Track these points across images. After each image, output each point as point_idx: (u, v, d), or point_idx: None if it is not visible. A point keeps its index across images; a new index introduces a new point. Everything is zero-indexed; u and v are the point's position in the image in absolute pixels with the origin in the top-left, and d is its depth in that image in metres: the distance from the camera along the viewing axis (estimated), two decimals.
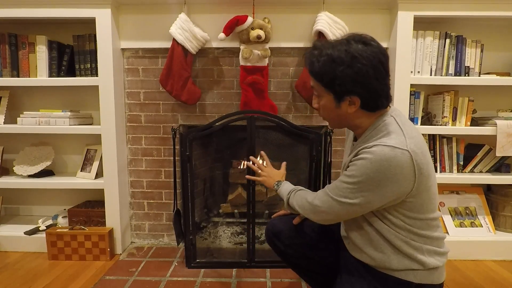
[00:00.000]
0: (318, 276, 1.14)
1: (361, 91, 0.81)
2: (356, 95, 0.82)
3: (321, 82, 0.85)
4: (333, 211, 0.88)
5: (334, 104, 0.86)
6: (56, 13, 1.66)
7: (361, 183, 0.79)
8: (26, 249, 1.79)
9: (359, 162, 0.80)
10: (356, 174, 0.80)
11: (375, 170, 0.77)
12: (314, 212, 0.94)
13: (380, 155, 0.77)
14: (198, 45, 1.68)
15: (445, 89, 1.75)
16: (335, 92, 0.84)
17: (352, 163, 0.83)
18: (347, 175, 0.83)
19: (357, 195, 0.81)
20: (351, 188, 0.82)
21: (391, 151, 0.76)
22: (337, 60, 0.80)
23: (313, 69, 0.85)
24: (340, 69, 0.80)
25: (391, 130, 0.82)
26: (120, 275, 1.55)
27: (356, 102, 0.83)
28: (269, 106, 1.74)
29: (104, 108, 1.71)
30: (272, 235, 1.15)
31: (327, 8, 1.67)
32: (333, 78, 0.81)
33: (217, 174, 2.18)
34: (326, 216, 0.91)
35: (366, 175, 0.78)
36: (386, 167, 0.76)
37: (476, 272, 1.60)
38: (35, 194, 2.02)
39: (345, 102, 0.84)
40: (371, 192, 0.79)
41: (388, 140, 0.79)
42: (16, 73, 1.76)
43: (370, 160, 0.77)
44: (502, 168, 1.79)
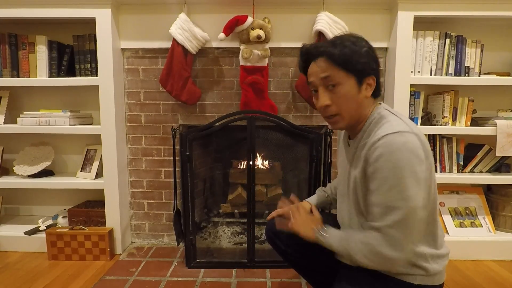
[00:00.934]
0: (319, 275, 1.14)
1: (377, 69, 0.88)
2: (374, 74, 0.87)
3: (344, 66, 0.84)
4: (408, 227, 0.76)
5: (356, 88, 0.86)
6: (56, 13, 1.66)
7: (396, 177, 0.76)
8: (26, 249, 1.79)
9: (379, 164, 0.78)
10: (387, 175, 0.76)
11: (398, 159, 0.75)
12: (394, 249, 0.78)
13: (392, 144, 0.76)
14: (198, 45, 1.69)
15: (445, 89, 1.75)
16: (358, 74, 0.85)
17: (371, 169, 0.80)
18: (380, 186, 0.78)
19: (406, 193, 0.75)
20: (396, 190, 0.76)
21: (401, 137, 0.77)
22: (358, 43, 0.85)
23: (338, 53, 0.84)
24: (364, 50, 0.85)
25: (390, 119, 0.84)
26: (120, 275, 1.55)
27: (373, 83, 0.87)
28: (269, 106, 1.74)
29: (104, 108, 1.71)
30: (272, 235, 1.15)
31: (327, 8, 1.67)
32: (360, 58, 0.84)
33: (217, 174, 2.18)
34: (405, 240, 0.77)
35: (393, 169, 0.75)
36: (404, 153, 0.75)
37: (476, 272, 1.60)
38: (35, 194, 2.02)
39: (363, 85, 0.86)
40: (410, 180, 0.75)
41: (391, 127, 0.80)
42: (16, 73, 1.76)
43: (386, 155, 0.76)
44: (502, 168, 1.79)
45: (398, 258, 0.78)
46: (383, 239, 0.78)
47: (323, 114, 0.91)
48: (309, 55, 0.90)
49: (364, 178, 0.85)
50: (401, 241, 0.76)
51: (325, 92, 0.87)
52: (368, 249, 0.80)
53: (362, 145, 0.88)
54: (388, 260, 0.78)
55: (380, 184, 0.78)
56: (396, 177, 0.75)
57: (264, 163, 2.07)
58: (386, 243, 0.77)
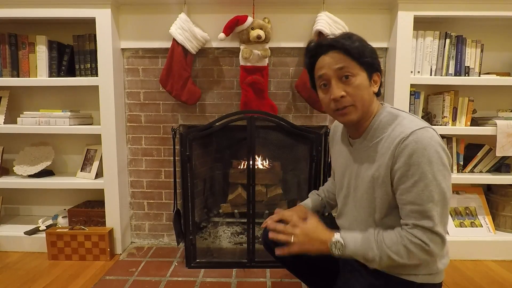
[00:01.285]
0: (318, 279, 1.14)
1: (380, 69, 0.91)
2: (379, 70, 0.90)
3: (358, 59, 0.85)
4: (444, 219, 0.80)
5: (368, 81, 0.87)
6: (56, 13, 1.66)
7: (432, 172, 0.76)
8: (26, 249, 1.79)
9: (413, 161, 0.77)
10: (424, 171, 0.76)
11: (432, 154, 0.76)
12: (435, 243, 0.79)
13: (422, 140, 0.77)
14: (198, 45, 1.69)
15: (445, 89, 1.75)
16: (369, 68, 0.87)
17: (404, 167, 0.79)
18: (417, 183, 0.77)
19: (442, 186, 0.77)
20: (434, 185, 0.77)
21: (427, 132, 0.79)
22: (364, 41, 0.88)
23: (351, 46, 0.84)
24: (369, 47, 0.88)
25: (405, 116, 0.86)
26: (120, 275, 1.55)
27: (378, 80, 0.90)
28: (269, 106, 1.74)
29: (104, 108, 1.71)
30: (268, 240, 1.14)
31: (327, 8, 1.67)
32: (370, 53, 0.87)
33: (217, 174, 2.18)
34: (443, 234, 0.80)
35: (429, 164, 0.76)
36: (435, 147, 0.77)
37: (476, 272, 1.60)
38: (35, 194, 2.02)
39: (372, 80, 0.88)
40: (444, 172, 0.78)
41: (413, 123, 0.81)
42: (16, 73, 1.76)
43: (420, 150, 0.77)
44: (502, 168, 1.79)
45: (436, 253, 0.79)
46: (428, 237, 0.77)
47: (335, 106, 0.87)
48: (319, 48, 0.89)
49: (388, 177, 0.83)
50: (443, 238, 0.79)
51: (338, 83, 0.85)
52: (409, 247, 0.78)
53: (376, 143, 0.87)
54: (431, 255, 0.80)
55: (417, 181, 0.77)
56: (432, 172, 0.76)
57: (264, 163, 2.07)
58: (432, 240, 0.78)
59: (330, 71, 0.86)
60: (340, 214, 1.05)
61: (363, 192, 0.91)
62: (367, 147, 0.90)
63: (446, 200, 0.78)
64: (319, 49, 0.88)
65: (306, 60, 0.94)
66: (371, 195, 0.88)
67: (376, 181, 0.86)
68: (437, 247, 0.78)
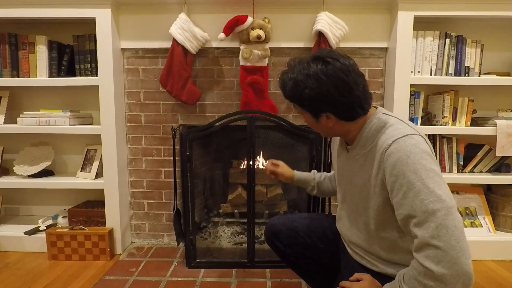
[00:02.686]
0: (318, 276, 1.14)
1: (330, 108, 0.84)
2: (328, 112, 0.84)
3: (294, 104, 0.89)
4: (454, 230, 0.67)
5: (314, 120, 0.89)
6: (56, 13, 1.66)
7: (421, 179, 0.71)
8: (26, 249, 1.79)
9: (397, 171, 0.73)
10: (410, 179, 0.71)
11: (416, 161, 0.72)
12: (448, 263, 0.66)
13: (405, 148, 0.74)
14: (198, 45, 1.68)
15: (445, 89, 1.75)
16: (309, 111, 0.88)
17: (391, 178, 0.75)
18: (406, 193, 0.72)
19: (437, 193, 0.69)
20: (425, 192, 0.70)
21: (411, 139, 0.76)
22: (300, 84, 0.83)
23: (285, 94, 0.90)
24: (306, 92, 0.82)
25: (391, 122, 0.83)
26: (120, 275, 1.55)
27: (331, 117, 0.85)
28: (269, 106, 1.74)
29: (104, 108, 1.71)
30: (271, 235, 1.15)
31: (327, 8, 1.67)
32: (302, 101, 0.85)
33: (217, 174, 2.18)
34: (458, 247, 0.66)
35: (415, 172, 0.71)
36: (419, 154, 0.73)
37: (476, 272, 1.60)
38: (35, 194, 2.02)
39: (322, 117, 0.87)
40: (436, 179, 0.71)
41: (397, 131, 0.79)
42: (16, 73, 1.76)
43: (403, 159, 0.73)
44: (502, 168, 1.79)
45: (454, 273, 0.65)
46: (431, 254, 0.67)
47: None
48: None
49: (379, 188, 0.81)
50: (448, 250, 0.65)
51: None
52: (421, 276, 0.68)
53: (366, 152, 0.86)
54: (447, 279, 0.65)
55: (406, 191, 0.72)
56: (420, 179, 0.71)
57: (264, 163, 2.07)
58: (440, 257, 0.66)
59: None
60: (338, 218, 1.07)
61: (357, 201, 0.91)
62: (359, 156, 0.90)
63: (449, 208, 0.68)
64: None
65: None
66: (365, 203, 0.88)
67: (368, 191, 0.86)
68: (444, 266, 0.65)
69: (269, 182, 2.04)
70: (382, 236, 0.86)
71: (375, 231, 0.87)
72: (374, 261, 0.90)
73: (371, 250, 0.90)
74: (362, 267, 0.94)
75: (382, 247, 0.86)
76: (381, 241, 0.87)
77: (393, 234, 0.83)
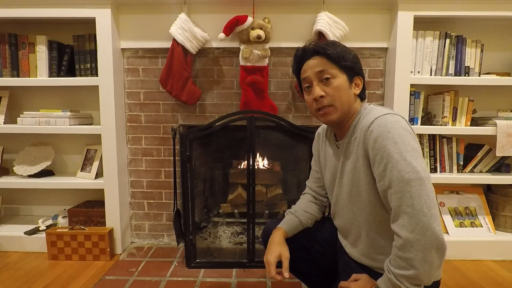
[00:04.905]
0: (317, 278, 1.14)
1: (363, 74, 0.96)
2: (360, 74, 0.95)
3: (338, 63, 0.91)
4: (427, 199, 0.71)
5: (347, 83, 0.91)
6: (56, 13, 1.66)
7: (399, 152, 0.75)
8: (26, 249, 1.79)
9: (378, 144, 0.78)
10: (390, 151, 0.76)
11: (396, 135, 0.77)
12: (422, 228, 0.71)
13: (386, 123, 0.79)
14: (198, 45, 1.69)
15: (445, 89, 1.75)
16: (348, 72, 0.92)
17: (373, 152, 0.80)
18: (386, 165, 0.76)
19: (413, 165, 0.73)
20: (403, 163, 0.74)
21: (392, 117, 0.81)
22: (347, 48, 0.94)
23: (332, 52, 0.90)
24: (352, 54, 0.94)
25: (376, 108, 0.90)
26: (120, 275, 1.55)
27: (360, 83, 0.95)
28: (269, 106, 1.74)
29: (104, 108, 1.71)
30: (268, 238, 1.14)
31: (327, 8, 1.67)
32: (350, 58, 0.92)
33: (217, 174, 2.18)
34: (430, 214, 0.71)
35: (395, 144, 0.76)
36: (399, 130, 0.78)
37: (476, 272, 1.60)
38: (35, 194, 2.02)
39: (353, 83, 0.93)
40: (413, 153, 0.75)
41: (379, 111, 0.85)
42: (16, 73, 1.76)
43: (384, 133, 0.78)
44: (502, 168, 1.79)
45: (424, 238, 0.70)
46: (405, 222, 0.72)
47: (315, 106, 0.93)
48: (304, 54, 0.95)
49: (367, 167, 0.85)
50: (426, 218, 0.70)
51: (319, 84, 0.92)
52: (401, 251, 0.73)
53: (354, 139, 0.91)
54: (422, 245, 0.70)
55: (386, 163, 0.77)
56: (399, 152, 0.75)
57: (264, 163, 2.07)
58: (414, 224, 0.70)
59: (312, 74, 0.93)
60: (334, 214, 1.07)
61: (350, 187, 0.93)
62: (347, 144, 0.94)
63: (421, 179, 0.72)
64: (305, 55, 0.95)
65: (293, 65, 1.01)
66: (357, 188, 0.90)
67: (358, 174, 0.89)
68: (418, 231, 0.70)
69: (269, 182, 2.04)
70: (379, 220, 0.87)
71: (371, 215, 0.89)
72: (373, 253, 0.91)
73: (370, 237, 0.91)
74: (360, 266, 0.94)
75: (380, 231, 0.88)
76: (378, 226, 0.88)
77: (388, 216, 0.84)
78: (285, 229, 1.07)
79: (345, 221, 0.99)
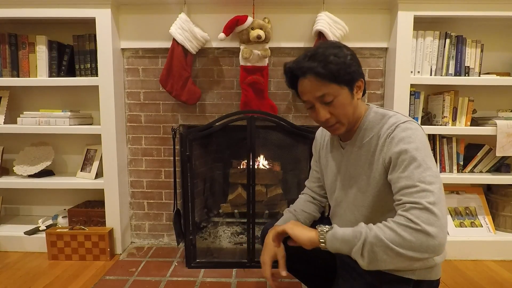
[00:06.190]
0: (317, 278, 1.14)
1: (362, 72, 0.90)
2: (361, 77, 0.89)
3: (335, 80, 0.84)
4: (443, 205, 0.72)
5: (350, 96, 0.88)
6: (56, 13, 1.66)
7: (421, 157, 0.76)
8: (26, 249, 1.79)
9: (400, 148, 0.78)
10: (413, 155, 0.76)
11: (418, 140, 0.79)
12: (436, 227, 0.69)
13: (407, 129, 0.80)
14: (198, 45, 1.69)
15: (445, 89, 1.75)
16: (349, 83, 0.86)
17: (394, 156, 0.79)
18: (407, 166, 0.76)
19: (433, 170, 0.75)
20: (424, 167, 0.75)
21: (411, 124, 0.82)
22: (340, 54, 0.85)
23: (322, 74, 0.83)
24: (348, 58, 0.85)
25: (391, 114, 0.88)
26: (120, 275, 1.55)
27: (362, 85, 0.90)
28: (269, 106, 1.74)
29: (104, 108, 1.71)
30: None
31: (327, 8, 1.67)
32: (347, 68, 0.84)
33: (217, 174, 2.18)
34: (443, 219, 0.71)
35: (417, 149, 0.77)
36: (420, 136, 0.80)
37: (476, 272, 1.60)
38: (35, 194, 2.02)
39: (355, 90, 0.89)
40: (431, 158, 0.78)
41: (398, 118, 0.84)
42: (16, 73, 1.76)
43: (406, 138, 0.79)
44: (502, 168, 1.79)
45: (439, 237, 0.68)
46: (423, 216, 0.69)
47: (323, 126, 0.92)
48: (296, 71, 0.88)
49: (381, 174, 0.84)
50: (441, 220, 0.69)
51: (322, 107, 0.87)
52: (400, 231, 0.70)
53: (367, 142, 0.89)
54: (427, 240, 0.68)
55: (407, 165, 0.76)
56: (421, 157, 0.76)
57: (264, 163, 2.07)
58: (427, 221, 0.68)
59: (312, 98, 0.88)
60: (333, 214, 1.07)
61: (356, 192, 0.92)
62: (358, 148, 0.92)
63: (439, 183, 0.74)
64: (296, 72, 0.88)
65: (286, 81, 0.94)
66: (363, 193, 0.89)
67: (368, 179, 0.88)
68: (435, 228, 0.68)
69: (269, 182, 2.04)
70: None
71: (376, 220, 0.86)
72: None
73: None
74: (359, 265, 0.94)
75: None
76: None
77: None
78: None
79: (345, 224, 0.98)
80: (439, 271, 0.89)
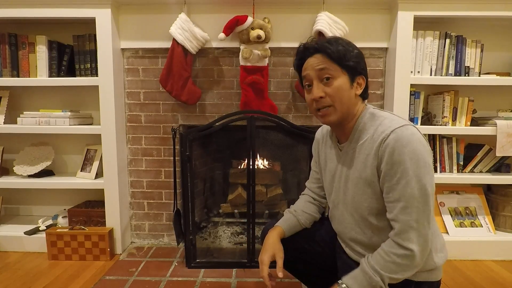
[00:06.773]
0: (316, 278, 1.14)
1: (365, 72, 0.92)
2: (364, 73, 0.91)
3: (339, 62, 0.87)
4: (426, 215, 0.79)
5: (349, 84, 0.88)
6: (56, 13, 1.66)
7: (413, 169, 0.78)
8: (26, 249, 1.79)
9: (394, 159, 0.79)
10: (406, 167, 0.78)
11: (412, 151, 0.78)
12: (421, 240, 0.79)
13: (402, 138, 0.79)
14: (198, 45, 1.69)
15: (445, 89, 1.75)
16: (350, 71, 0.88)
17: (387, 166, 0.81)
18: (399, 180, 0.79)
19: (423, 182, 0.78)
20: (414, 181, 0.78)
21: (407, 130, 0.80)
22: (351, 45, 0.90)
23: (332, 50, 0.87)
24: (355, 52, 0.89)
25: (385, 115, 0.88)
26: (120, 275, 1.55)
27: (362, 83, 0.91)
28: (269, 106, 1.74)
29: (104, 108, 1.71)
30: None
31: (327, 8, 1.67)
32: (352, 57, 0.88)
33: (217, 174, 2.18)
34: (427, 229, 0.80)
35: (411, 161, 0.78)
36: (415, 144, 0.78)
37: (476, 272, 1.60)
38: (35, 194, 2.02)
39: (355, 83, 0.90)
40: (426, 169, 0.79)
41: (393, 122, 0.84)
42: (16, 73, 1.76)
43: (400, 148, 0.78)
44: (502, 168, 1.79)
45: (424, 249, 0.79)
46: (417, 235, 0.78)
47: (315, 106, 0.91)
48: (306, 51, 0.92)
49: (375, 177, 0.85)
50: (425, 230, 0.78)
51: (319, 84, 0.89)
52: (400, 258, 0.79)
53: (361, 145, 0.89)
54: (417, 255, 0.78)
55: (399, 178, 0.79)
56: (413, 169, 0.77)
57: (264, 163, 2.07)
58: (419, 238, 0.78)
59: (312, 72, 0.90)
60: (332, 217, 1.07)
61: (353, 194, 0.92)
62: (353, 149, 0.92)
63: (427, 196, 0.78)
64: (306, 52, 0.92)
65: (295, 61, 0.98)
66: (361, 196, 0.89)
67: (364, 182, 0.87)
68: (420, 246, 0.78)
69: (269, 182, 2.04)
70: (381, 227, 0.87)
71: (373, 222, 0.88)
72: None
73: (372, 243, 0.90)
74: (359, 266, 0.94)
75: (383, 238, 0.86)
76: (381, 233, 0.88)
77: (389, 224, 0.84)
78: (282, 228, 1.07)
79: (345, 226, 0.98)
80: (440, 272, 0.89)
